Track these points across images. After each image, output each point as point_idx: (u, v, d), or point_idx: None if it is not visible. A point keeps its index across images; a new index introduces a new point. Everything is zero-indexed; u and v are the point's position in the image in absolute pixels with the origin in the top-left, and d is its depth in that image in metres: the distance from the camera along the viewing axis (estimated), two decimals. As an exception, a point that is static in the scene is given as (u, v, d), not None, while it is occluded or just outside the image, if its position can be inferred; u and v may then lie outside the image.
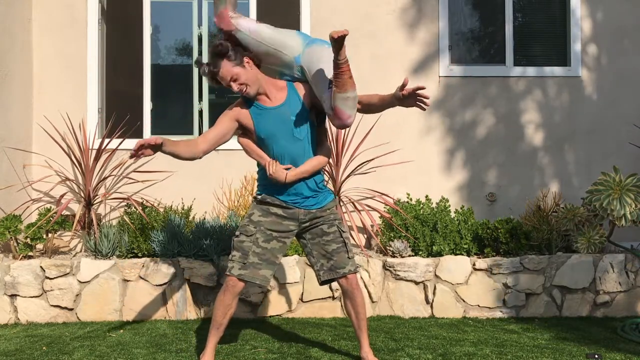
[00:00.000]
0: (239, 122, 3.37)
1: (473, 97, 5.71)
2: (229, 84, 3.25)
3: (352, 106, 3.15)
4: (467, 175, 5.69)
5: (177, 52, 7.98)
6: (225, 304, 3.32)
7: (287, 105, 3.31)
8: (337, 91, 3.08)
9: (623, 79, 5.75)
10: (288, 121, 3.29)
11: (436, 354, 3.68)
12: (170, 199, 5.32)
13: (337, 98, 3.10)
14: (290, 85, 3.36)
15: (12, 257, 4.66)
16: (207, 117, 5.67)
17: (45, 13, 5.49)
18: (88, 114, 5.49)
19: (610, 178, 4.72)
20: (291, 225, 3.36)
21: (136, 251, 4.69)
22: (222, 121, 3.38)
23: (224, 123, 3.37)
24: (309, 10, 5.62)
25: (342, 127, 3.25)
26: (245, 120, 3.35)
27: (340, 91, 3.08)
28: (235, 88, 3.25)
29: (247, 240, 3.30)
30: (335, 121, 3.19)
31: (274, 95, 3.33)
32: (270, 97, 3.33)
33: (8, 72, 5.01)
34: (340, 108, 3.12)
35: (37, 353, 3.70)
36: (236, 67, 3.23)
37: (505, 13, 5.77)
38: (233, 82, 3.24)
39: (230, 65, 3.22)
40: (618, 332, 4.21)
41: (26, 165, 5.30)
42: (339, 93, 3.08)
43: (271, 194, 3.35)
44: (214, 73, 3.25)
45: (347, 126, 3.25)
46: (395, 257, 4.75)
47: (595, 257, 4.74)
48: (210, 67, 3.25)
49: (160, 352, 3.69)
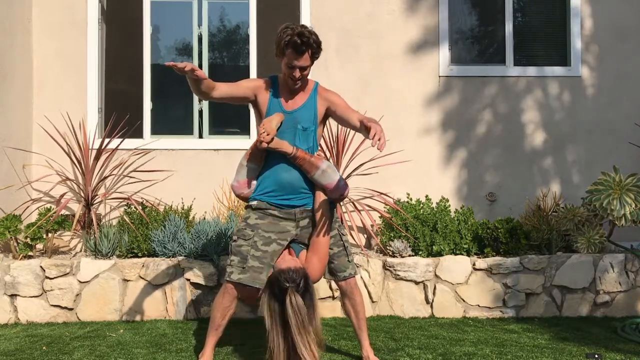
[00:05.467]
0: (256, 96, 3.36)
1: (473, 97, 5.71)
2: (301, 65, 3.20)
3: (332, 173, 3.29)
4: (467, 175, 5.69)
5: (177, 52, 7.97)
6: (223, 307, 3.31)
7: (300, 113, 3.33)
8: (310, 175, 3.29)
9: (623, 78, 5.75)
10: (295, 128, 3.32)
11: (436, 353, 3.68)
12: (170, 199, 5.32)
13: (315, 180, 3.29)
14: (314, 92, 3.38)
15: (12, 257, 4.66)
16: (207, 117, 5.66)
17: (45, 13, 5.49)
18: (88, 113, 5.49)
19: (610, 178, 4.72)
20: (288, 225, 3.34)
21: (136, 251, 4.70)
22: (241, 85, 3.36)
23: (242, 88, 3.35)
24: (309, 10, 5.62)
25: (341, 196, 3.35)
26: (262, 99, 3.35)
27: (312, 173, 3.28)
28: (298, 74, 3.23)
29: (245, 245, 3.27)
30: (334, 194, 3.32)
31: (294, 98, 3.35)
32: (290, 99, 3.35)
33: (8, 72, 5.02)
34: (326, 183, 3.28)
35: (37, 353, 3.70)
36: (311, 64, 3.27)
37: (505, 12, 5.77)
38: (302, 69, 3.23)
39: (311, 58, 3.24)
40: (618, 332, 4.21)
41: (26, 165, 5.30)
42: (313, 175, 3.28)
43: (265, 199, 3.34)
44: (316, 43, 3.19)
45: (343, 192, 3.34)
46: (395, 257, 4.75)
47: (595, 257, 4.74)
48: (313, 38, 3.19)
49: (160, 352, 3.69)
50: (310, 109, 3.34)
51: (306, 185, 3.33)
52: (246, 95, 3.36)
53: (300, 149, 3.29)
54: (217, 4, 6.68)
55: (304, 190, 3.33)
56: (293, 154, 3.25)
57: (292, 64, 3.20)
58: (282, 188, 3.32)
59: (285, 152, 3.26)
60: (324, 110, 3.37)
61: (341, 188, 3.31)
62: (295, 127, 3.31)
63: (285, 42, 3.16)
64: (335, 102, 3.35)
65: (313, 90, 3.38)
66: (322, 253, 3.29)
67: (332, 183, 3.28)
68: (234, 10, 7.48)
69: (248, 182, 3.38)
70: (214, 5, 6.32)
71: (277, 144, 3.25)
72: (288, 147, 3.26)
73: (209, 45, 5.77)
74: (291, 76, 3.24)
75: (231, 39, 8.19)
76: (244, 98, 3.38)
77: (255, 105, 3.39)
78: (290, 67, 3.22)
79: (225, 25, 7.99)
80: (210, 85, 3.23)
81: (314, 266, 3.26)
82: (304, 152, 3.28)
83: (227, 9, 7.62)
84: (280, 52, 3.23)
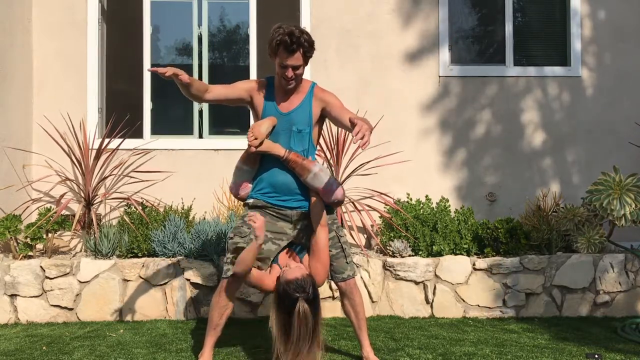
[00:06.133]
0: (252, 98, 3.37)
1: (473, 97, 5.71)
2: (292, 64, 3.20)
3: (324, 176, 3.26)
4: (467, 175, 5.69)
5: (177, 52, 7.98)
6: (220, 306, 3.32)
7: (295, 114, 3.32)
8: (303, 178, 3.25)
9: (623, 78, 5.75)
10: (290, 130, 3.31)
11: (436, 353, 3.68)
12: (170, 199, 5.32)
13: (308, 183, 3.26)
14: (310, 93, 3.36)
15: (12, 257, 4.66)
16: (207, 117, 5.67)
17: (45, 13, 5.49)
18: (88, 113, 5.49)
19: (610, 178, 4.72)
20: (286, 227, 3.33)
21: (136, 251, 4.70)
22: (237, 86, 3.38)
23: (237, 89, 3.37)
24: (309, 10, 5.62)
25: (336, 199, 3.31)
26: (257, 100, 3.35)
27: (304, 176, 3.25)
28: (290, 74, 3.22)
29: (241, 242, 3.27)
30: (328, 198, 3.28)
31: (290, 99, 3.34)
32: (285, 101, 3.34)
33: (8, 72, 5.02)
34: (318, 186, 3.25)
35: (37, 353, 3.70)
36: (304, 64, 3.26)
37: (505, 12, 5.77)
38: (294, 69, 3.21)
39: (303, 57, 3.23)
40: (618, 332, 4.21)
41: (26, 165, 5.30)
42: (306, 178, 3.25)
43: (262, 198, 3.34)
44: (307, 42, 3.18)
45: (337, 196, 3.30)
46: (395, 257, 4.75)
47: (595, 257, 4.74)
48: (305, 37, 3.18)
49: (160, 352, 3.69)
50: (305, 111, 3.33)
51: (302, 188, 3.32)
52: (241, 97, 3.37)
53: (292, 151, 3.28)
54: (217, 4, 6.69)
55: (299, 192, 3.33)
56: (285, 157, 3.25)
57: (284, 63, 3.20)
58: (277, 190, 3.32)
59: (277, 155, 3.26)
60: (319, 112, 3.36)
61: (334, 191, 3.28)
62: (290, 129, 3.31)
63: (276, 42, 3.17)
64: (330, 102, 3.34)
65: (309, 91, 3.36)
66: (323, 259, 3.29)
67: (324, 186, 3.26)
68: (234, 10, 7.48)
69: (245, 184, 3.39)
70: (214, 5, 6.33)
71: (268, 147, 3.25)
72: (280, 150, 3.25)
73: (209, 45, 5.76)
74: (284, 76, 3.24)
75: (231, 39, 8.20)
76: (239, 99, 3.38)
77: (252, 106, 3.40)
78: (282, 67, 3.22)
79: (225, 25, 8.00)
80: (202, 88, 3.25)
81: (318, 271, 3.27)
82: (296, 155, 3.26)
83: (227, 9, 7.63)
84: (273, 52, 3.23)
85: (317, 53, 3.44)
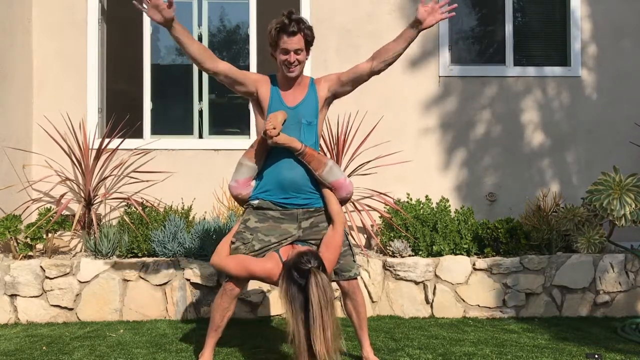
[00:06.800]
0: (257, 91, 3.31)
1: (473, 97, 5.71)
2: (294, 47, 3.18)
3: (338, 171, 3.27)
4: (467, 175, 5.69)
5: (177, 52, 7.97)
6: (222, 308, 3.29)
7: (302, 107, 3.30)
8: (318, 172, 3.23)
9: (623, 78, 5.75)
10: (299, 123, 3.27)
11: (436, 354, 3.68)
12: (170, 199, 5.32)
13: (322, 177, 3.24)
14: (311, 86, 3.35)
15: (12, 257, 4.66)
16: (207, 117, 5.67)
17: (45, 13, 5.49)
18: (88, 114, 5.49)
19: (610, 178, 4.72)
20: (290, 227, 3.27)
21: (136, 251, 4.70)
22: (246, 74, 3.34)
23: (246, 76, 3.32)
24: (309, 10, 5.62)
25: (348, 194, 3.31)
26: (263, 95, 3.30)
27: (319, 170, 3.23)
28: (292, 58, 3.19)
29: (243, 248, 3.23)
30: (341, 193, 3.28)
31: (294, 94, 3.32)
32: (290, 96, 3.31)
33: (8, 72, 5.02)
34: (333, 180, 3.24)
35: (37, 353, 3.70)
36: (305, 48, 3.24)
37: (505, 13, 5.77)
38: (296, 53, 3.19)
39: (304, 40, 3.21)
40: (618, 332, 4.21)
41: (26, 165, 5.30)
42: (321, 172, 3.23)
43: (267, 198, 3.29)
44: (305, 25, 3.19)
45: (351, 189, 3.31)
46: (395, 257, 4.75)
47: (595, 257, 4.74)
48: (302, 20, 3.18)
49: (160, 352, 3.69)
50: (311, 103, 3.31)
51: (311, 184, 3.28)
52: (246, 83, 3.30)
53: (307, 145, 3.24)
54: (217, 4, 6.68)
55: (308, 189, 3.28)
56: (302, 151, 3.19)
57: (286, 47, 3.17)
58: (283, 187, 3.25)
59: (294, 148, 3.19)
60: (325, 95, 3.33)
61: (347, 185, 3.27)
62: (300, 122, 3.26)
63: (276, 28, 3.17)
64: (333, 77, 3.35)
65: (310, 84, 3.35)
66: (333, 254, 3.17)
67: (338, 180, 3.24)
68: (234, 10, 7.48)
69: (248, 182, 3.33)
70: (214, 5, 6.32)
71: (286, 140, 3.17)
72: (297, 143, 3.19)
73: (209, 45, 5.76)
74: (286, 62, 3.20)
75: (231, 39, 8.20)
76: (243, 85, 3.30)
77: (256, 99, 3.33)
78: (285, 53, 3.19)
79: (225, 25, 8.00)
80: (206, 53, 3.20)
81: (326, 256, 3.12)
82: (311, 149, 3.23)
83: (227, 9, 7.63)
84: (273, 41, 3.21)
85: (317, 53, 3.45)
